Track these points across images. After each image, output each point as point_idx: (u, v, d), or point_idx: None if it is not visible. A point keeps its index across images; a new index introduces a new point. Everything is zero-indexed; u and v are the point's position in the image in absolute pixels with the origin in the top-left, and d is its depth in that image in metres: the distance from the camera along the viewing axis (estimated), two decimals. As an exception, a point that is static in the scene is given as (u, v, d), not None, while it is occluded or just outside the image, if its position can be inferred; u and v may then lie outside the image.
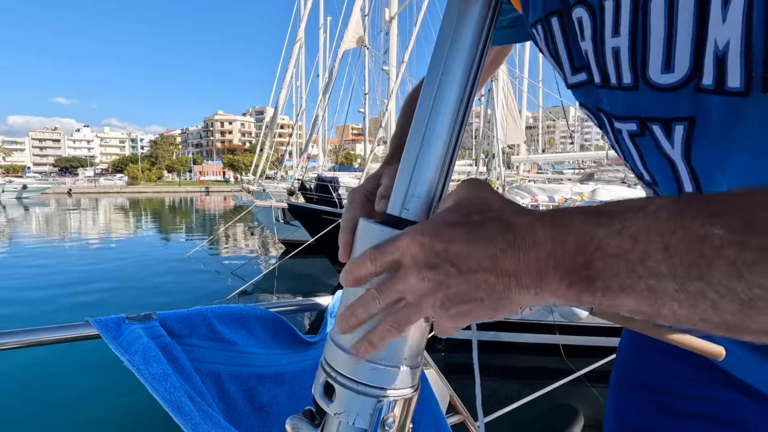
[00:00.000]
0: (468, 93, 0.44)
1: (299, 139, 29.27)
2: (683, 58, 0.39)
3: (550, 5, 0.51)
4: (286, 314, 0.99)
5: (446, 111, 0.44)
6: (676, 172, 0.46)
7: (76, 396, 4.59)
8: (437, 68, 0.45)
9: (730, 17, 0.34)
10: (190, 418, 0.67)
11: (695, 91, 0.39)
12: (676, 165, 0.45)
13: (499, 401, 1.41)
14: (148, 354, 0.72)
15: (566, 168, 20.01)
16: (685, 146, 0.43)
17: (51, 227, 21.62)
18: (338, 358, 0.44)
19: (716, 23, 0.35)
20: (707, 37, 0.36)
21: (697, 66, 0.38)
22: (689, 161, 0.44)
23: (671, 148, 0.44)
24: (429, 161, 0.44)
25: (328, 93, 15.34)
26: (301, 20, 18.62)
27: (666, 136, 0.44)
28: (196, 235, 18.21)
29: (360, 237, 0.45)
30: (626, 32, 0.42)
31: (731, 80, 0.36)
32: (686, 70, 0.39)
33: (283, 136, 70.53)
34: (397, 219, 0.44)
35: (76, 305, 7.86)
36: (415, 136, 0.45)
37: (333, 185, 12.98)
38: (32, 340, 0.76)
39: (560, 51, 0.52)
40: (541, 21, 0.53)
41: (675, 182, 0.47)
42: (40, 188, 51.03)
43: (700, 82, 0.38)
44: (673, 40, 0.39)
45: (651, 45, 0.40)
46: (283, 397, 0.92)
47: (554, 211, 0.34)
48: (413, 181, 0.44)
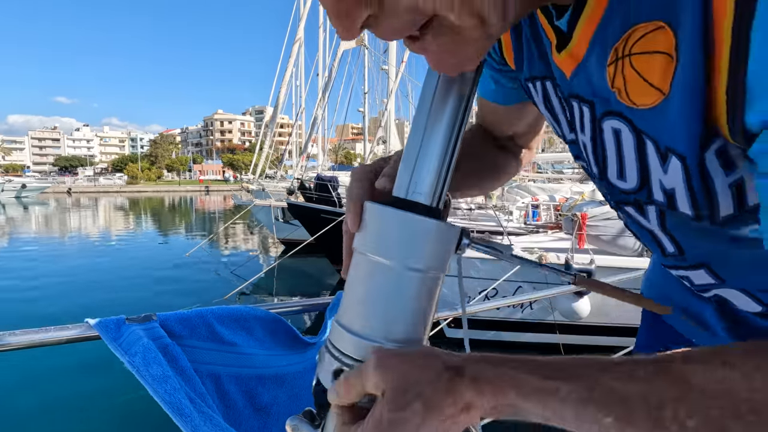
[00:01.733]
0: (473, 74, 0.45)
1: (299, 138, 29.26)
2: (632, 176, 0.45)
3: (546, 70, 0.52)
4: (285, 315, 0.99)
5: (451, 96, 0.44)
6: (656, 237, 0.51)
7: (76, 397, 4.59)
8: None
9: (671, 173, 0.40)
10: (191, 420, 0.67)
11: (647, 201, 0.45)
12: (655, 233, 0.51)
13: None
14: (148, 355, 0.72)
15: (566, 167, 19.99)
16: (660, 221, 0.48)
17: (50, 226, 21.61)
18: (355, 344, 0.44)
19: (656, 170, 0.42)
20: (649, 170, 0.42)
21: (643, 183, 0.44)
22: (666, 230, 0.49)
23: (648, 222, 0.49)
24: (433, 146, 0.44)
25: (327, 92, 15.35)
26: (301, 19, 18.58)
27: (640, 214, 0.49)
28: (195, 235, 18.21)
29: (366, 220, 0.45)
30: (588, 137, 0.47)
31: (682, 207, 0.42)
32: (635, 183, 0.45)
33: (283, 136, 70.47)
34: (403, 201, 0.44)
35: (75, 305, 7.85)
36: (419, 120, 0.45)
37: (332, 184, 12.98)
38: (32, 341, 0.76)
39: (557, 109, 0.54)
40: (539, 79, 0.54)
41: (657, 245, 0.52)
42: (39, 187, 50.99)
43: (651, 195, 0.44)
44: (623, 159, 0.44)
45: (608, 154, 0.46)
46: (283, 398, 0.92)
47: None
48: (418, 163, 0.44)
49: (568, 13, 0.42)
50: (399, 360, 0.39)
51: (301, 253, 8.71)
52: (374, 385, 0.39)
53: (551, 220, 7.77)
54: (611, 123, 0.43)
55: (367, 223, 0.45)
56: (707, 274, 0.51)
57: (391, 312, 0.43)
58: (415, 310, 0.44)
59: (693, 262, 0.52)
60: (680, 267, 0.54)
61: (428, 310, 0.45)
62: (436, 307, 0.46)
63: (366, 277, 0.44)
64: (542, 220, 7.98)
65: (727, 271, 0.50)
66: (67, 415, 4.30)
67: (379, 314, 0.43)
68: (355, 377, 0.41)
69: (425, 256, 0.43)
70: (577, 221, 5.59)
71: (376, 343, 0.43)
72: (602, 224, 5.58)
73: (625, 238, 5.55)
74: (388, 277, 0.43)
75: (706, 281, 0.53)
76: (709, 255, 0.49)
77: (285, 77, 18.38)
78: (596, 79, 0.43)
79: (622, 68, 0.39)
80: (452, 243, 0.45)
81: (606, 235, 5.58)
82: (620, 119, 0.42)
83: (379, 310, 0.43)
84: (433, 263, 0.43)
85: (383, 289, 0.43)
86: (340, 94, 22.85)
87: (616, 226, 5.55)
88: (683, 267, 0.54)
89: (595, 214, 5.61)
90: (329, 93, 15.71)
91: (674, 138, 0.38)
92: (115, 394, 4.33)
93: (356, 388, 0.40)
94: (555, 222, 7.47)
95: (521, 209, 8.61)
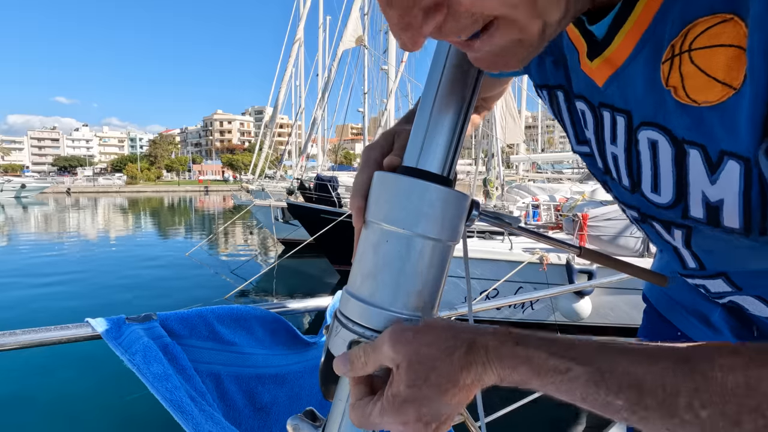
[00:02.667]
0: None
1: (298, 138, 29.27)
2: (667, 189, 0.43)
3: (555, 79, 0.52)
4: (285, 314, 0.99)
5: (461, 71, 0.44)
6: (678, 252, 0.51)
7: (76, 396, 4.58)
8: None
9: (722, 182, 0.38)
10: (192, 418, 0.67)
11: (683, 218, 0.43)
12: (678, 249, 0.50)
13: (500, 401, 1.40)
14: (148, 354, 0.72)
15: (565, 167, 20.01)
16: (685, 240, 0.47)
17: (49, 226, 21.60)
18: (371, 313, 0.43)
19: (701, 181, 0.39)
20: (688, 184, 0.41)
21: (680, 198, 0.42)
22: (690, 248, 0.48)
23: (672, 239, 0.49)
24: (444, 116, 0.44)
25: (327, 92, 15.33)
26: (301, 19, 18.59)
27: (666, 231, 0.48)
28: (195, 235, 18.21)
29: (377, 189, 0.45)
30: (622, 148, 0.45)
31: (728, 220, 0.40)
32: (670, 197, 0.43)
33: (283, 136, 70.47)
34: (415, 170, 0.44)
35: (75, 305, 7.85)
36: (428, 92, 0.45)
37: (332, 184, 12.99)
38: (32, 341, 0.76)
39: (565, 120, 0.54)
40: (547, 88, 0.54)
41: (678, 259, 0.52)
42: (38, 187, 50.97)
43: (687, 212, 0.42)
44: (658, 171, 0.42)
45: (642, 167, 0.44)
46: (283, 398, 0.92)
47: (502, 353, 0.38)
48: (429, 133, 0.44)
49: (611, 17, 0.40)
50: (414, 334, 0.39)
51: (301, 253, 8.71)
52: (390, 359, 0.39)
53: (551, 221, 7.77)
54: (648, 134, 0.42)
55: (378, 193, 0.45)
56: (725, 283, 0.51)
57: (405, 280, 0.43)
58: (428, 278, 0.44)
59: (712, 273, 0.51)
60: (697, 277, 0.54)
61: (439, 280, 0.45)
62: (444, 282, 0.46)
63: (378, 246, 0.44)
64: (542, 221, 7.98)
65: (745, 280, 0.50)
66: (68, 415, 4.30)
67: (392, 283, 0.43)
68: (371, 350, 0.41)
69: (438, 224, 0.43)
70: (577, 221, 5.59)
71: (390, 311, 0.43)
72: (603, 224, 5.58)
73: (626, 239, 5.55)
74: (401, 244, 0.43)
75: (723, 289, 0.53)
76: (730, 266, 0.49)
77: (285, 77, 18.39)
78: (641, 83, 0.40)
79: (679, 65, 0.37)
80: (463, 212, 0.45)
81: (607, 235, 5.59)
82: (658, 130, 0.41)
83: (391, 279, 0.43)
84: (445, 231, 0.43)
85: (397, 257, 0.43)
86: (339, 95, 22.82)
87: (616, 227, 5.55)
88: (701, 277, 0.54)
89: (596, 215, 5.61)
90: (329, 93, 15.70)
91: (737, 138, 0.35)
92: (115, 394, 4.33)
93: (372, 362, 0.41)
94: (555, 222, 7.48)
95: (521, 209, 8.61)
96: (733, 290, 0.51)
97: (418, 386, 0.38)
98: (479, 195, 11.22)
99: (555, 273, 5.39)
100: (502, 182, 10.40)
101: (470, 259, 0.55)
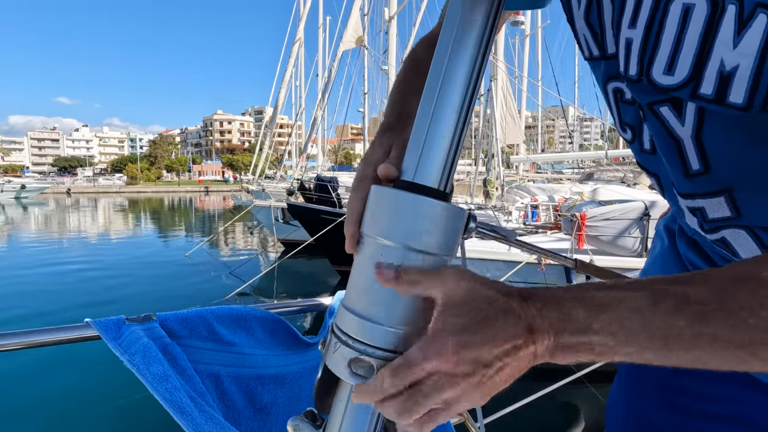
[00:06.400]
0: (481, 54, 0.45)
1: (298, 138, 29.25)
2: (684, 65, 0.41)
3: None
4: (285, 315, 0.99)
5: (457, 81, 0.44)
6: (683, 152, 0.47)
7: (76, 397, 4.58)
8: (450, 29, 0.45)
9: (745, 42, 0.37)
10: (192, 418, 0.67)
11: (691, 98, 0.42)
12: (684, 147, 0.47)
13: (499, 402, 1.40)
14: (148, 354, 0.72)
15: (565, 168, 20.03)
16: (697, 126, 0.44)
17: (49, 227, 21.59)
18: (368, 330, 0.43)
19: (725, 45, 0.38)
20: (711, 51, 0.39)
21: (696, 74, 0.40)
22: (699, 138, 0.45)
23: (681, 127, 0.46)
24: (440, 130, 0.44)
25: (327, 93, 15.33)
26: (301, 20, 18.60)
27: (676, 116, 0.45)
28: (195, 235, 18.20)
29: (374, 204, 0.45)
30: (642, 26, 0.43)
31: (735, 94, 0.39)
32: (685, 75, 0.41)
33: (283, 136, 70.48)
34: (412, 184, 0.44)
35: (74, 305, 7.84)
36: (426, 106, 0.45)
37: (332, 185, 12.98)
38: (32, 341, 0.76)
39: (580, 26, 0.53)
40: None
41: (680, 164, 0.48)
42: (38, 188, 50.94)
43: (697, 89, 0.41)
44: (681, 45, 0.41)
45: (662, 44, 0.42)
46: (283, 399, 0.92)
47: (551, 298, 0.39)
48: (425, 147, 0.44)
49: None
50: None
51: (301, 253, 8.71)
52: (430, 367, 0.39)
53: (550, 221, 7.77)
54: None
55: (374, 207, 0.45)
56: (726, 202, 0.48)
57: (397, 297, 0.43)
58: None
59: (715, 187, 0.48)
60: (698, 195, 0.50)
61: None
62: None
63: (374, 260, 0.43)
64: (541, 221, 7.99)
65: (749, 198, 0.47)
66: (67, 416, 4.29)
67: (389, 297, 0.43)
68: (404, 366, 0.40)
69: (435, 239, 0.43)
70: (576, 221, 5.59)
71: (387, 328, 0.43)
72: (601, 225, 5.59)
73: (624, 239, 5.56)
74: (396, 259, 0.42)
75: (721, 214, 0.49)
76: (737, 174, 0.46)
77: (285, 78, 18.39)
78: None
79: None
80: (460, 226, 0.45)
81: (605, 235, 5.59)
82: None
83: (387, 293, 0.43)
84: (443, 246, 0.43)
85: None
86: (339, 95, 22.82)
87: (615, 227, 5.56)
88: (701, 195, 0.50)
89: (595, 215, 5.62)
90: (329, 93, 15.71)
91: None
92: (115, 394, 4.32)
93: (411, 374, 0.40)
94: (554, 222, 7.48)
95: (520, 209, 8.61)
96: (732, 215, 0.48)
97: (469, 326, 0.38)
98: (479, 195, 11.23)
99: (553, 273, 5.40)
100: (502, 182, 10.40)
101: (468, 259, 0.55)
